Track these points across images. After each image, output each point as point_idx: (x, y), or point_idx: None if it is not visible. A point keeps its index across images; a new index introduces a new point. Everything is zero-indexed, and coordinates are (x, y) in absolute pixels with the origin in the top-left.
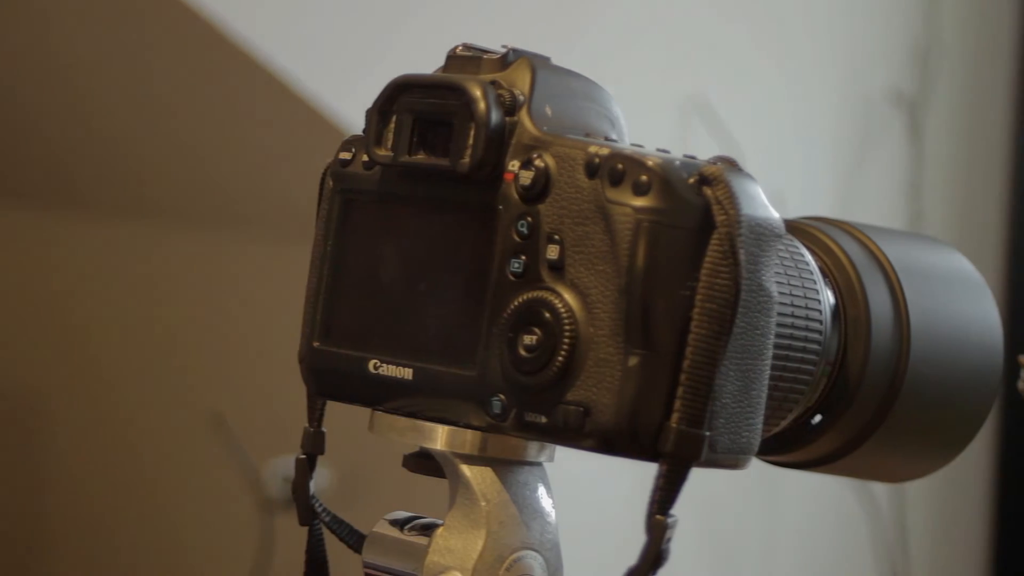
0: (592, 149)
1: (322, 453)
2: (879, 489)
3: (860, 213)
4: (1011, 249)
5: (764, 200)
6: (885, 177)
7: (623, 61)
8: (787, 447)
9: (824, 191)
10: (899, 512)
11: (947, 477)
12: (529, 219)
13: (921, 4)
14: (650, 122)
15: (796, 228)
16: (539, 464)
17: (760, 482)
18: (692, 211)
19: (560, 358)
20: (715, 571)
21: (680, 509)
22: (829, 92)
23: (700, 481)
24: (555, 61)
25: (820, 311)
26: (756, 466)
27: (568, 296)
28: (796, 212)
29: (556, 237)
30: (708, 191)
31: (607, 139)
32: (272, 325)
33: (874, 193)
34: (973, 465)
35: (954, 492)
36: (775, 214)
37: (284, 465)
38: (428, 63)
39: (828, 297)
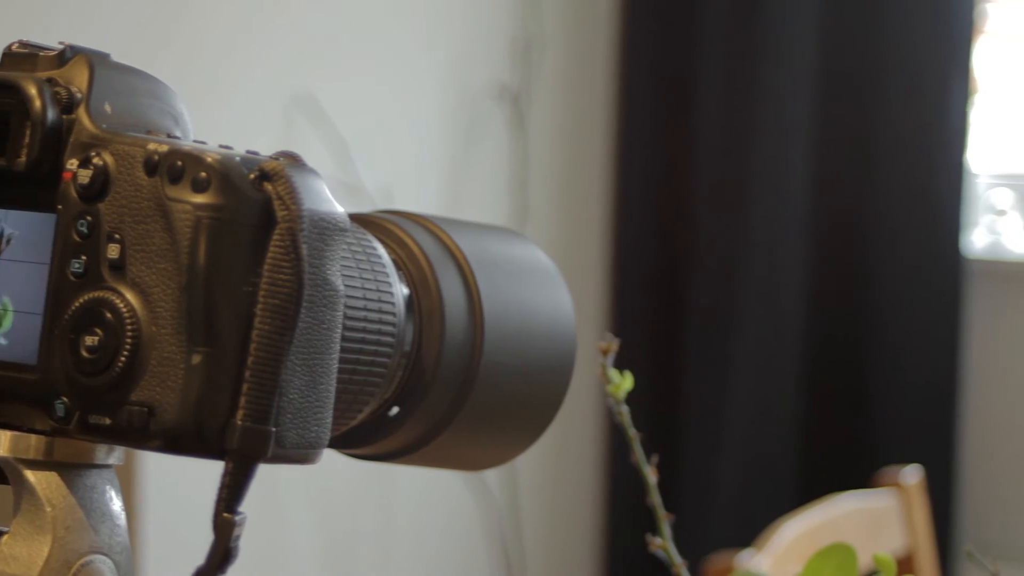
0: (151, 146)
1: None
2: (491, 477)
3: (468, 208)
4: (612, 239)
5: (328, 195)
6: (492, 171)
7: (225, 61)
8: (366, 440)
9: (433, 186)
10: (512, 498)
11: (558, 462)
12: (89, 218)
13: None
14: (254, 122)
15: (369, 222)
16: (108, 467)
17: (375, 477)
18: (252, 207)
19: (123, 358)
20: (331, 567)
21: (295, 507)
22: (434, 86)
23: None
24: (152, 60)
25: (393, 303)
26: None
27: (130, 295)
28: (405, 207)
29: (117, 236)
30: (269, 187)
31: (169, 136)
32: None
33: (481, 187)
34: (582, 449)
35: (565, 477)
36: (339, 208)
37: None
38: None
39: (401, 290)
